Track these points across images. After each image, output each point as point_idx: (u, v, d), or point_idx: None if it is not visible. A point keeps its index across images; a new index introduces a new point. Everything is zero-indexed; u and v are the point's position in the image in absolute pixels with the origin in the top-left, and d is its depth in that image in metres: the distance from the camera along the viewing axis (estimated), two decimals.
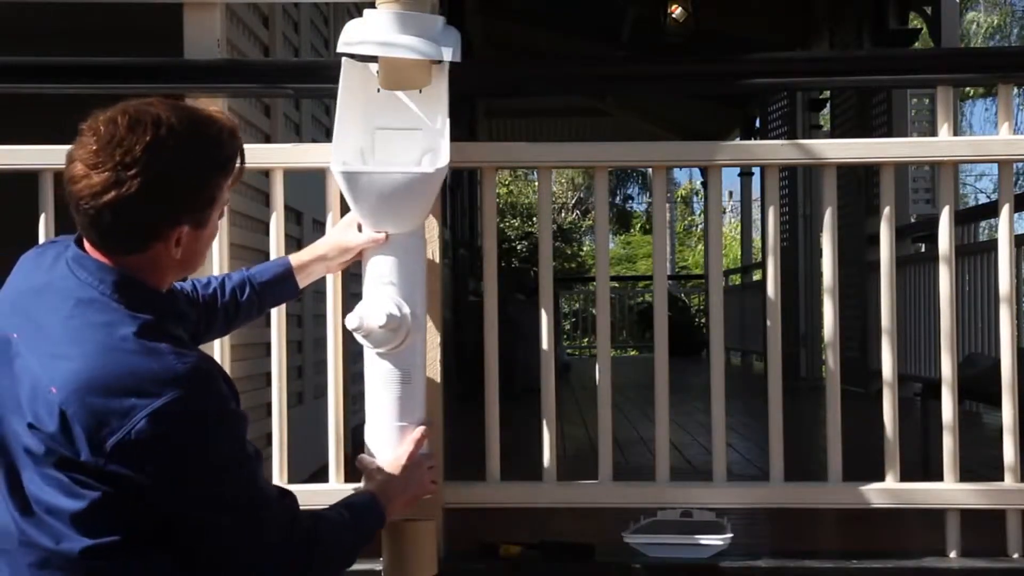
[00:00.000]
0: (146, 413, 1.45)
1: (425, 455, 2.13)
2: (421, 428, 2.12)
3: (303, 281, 2.18)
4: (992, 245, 4.77)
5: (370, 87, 2.24)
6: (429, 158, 2.20)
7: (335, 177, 2.09)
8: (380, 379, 2.11)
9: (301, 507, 1.71)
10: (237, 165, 1.67)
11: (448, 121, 2.19)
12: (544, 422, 2.45)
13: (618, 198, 27.65)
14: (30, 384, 1.51)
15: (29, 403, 1.50)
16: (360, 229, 2.15)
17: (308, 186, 2.93)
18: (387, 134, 2.24)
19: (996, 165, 2.55)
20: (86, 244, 1.61)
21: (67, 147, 2.35)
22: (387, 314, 2.04)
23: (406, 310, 2.08)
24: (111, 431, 1.45)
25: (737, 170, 11.14)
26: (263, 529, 1.61)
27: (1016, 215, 3.61)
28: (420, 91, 2.24)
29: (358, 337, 2.08)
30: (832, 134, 8.25)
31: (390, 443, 2.10)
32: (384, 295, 2.08)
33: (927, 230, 6.51)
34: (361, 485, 2.36)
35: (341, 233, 2.17)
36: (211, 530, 1.56)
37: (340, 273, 2.37)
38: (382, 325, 2.04)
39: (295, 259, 2.17)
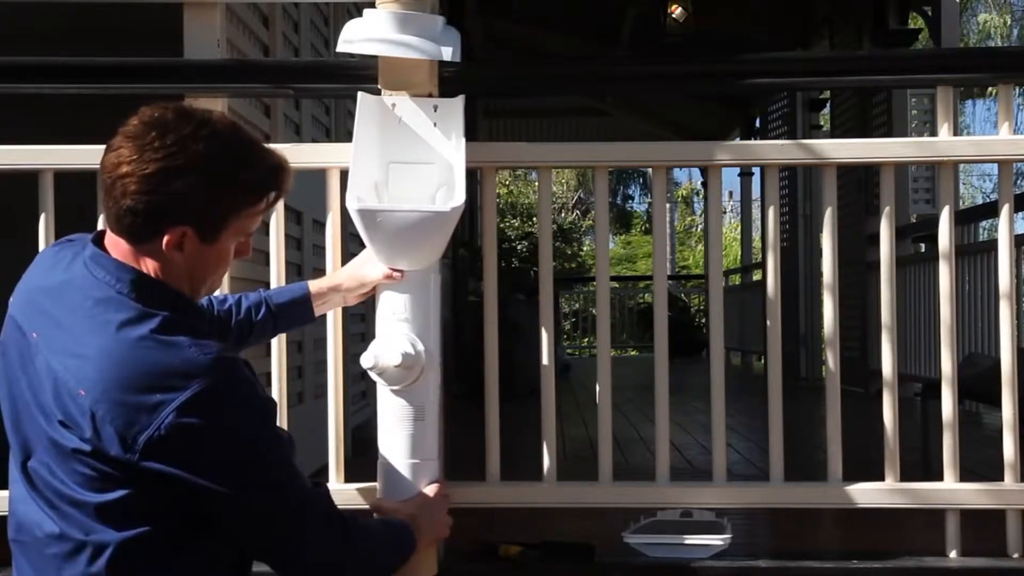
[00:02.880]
0: (173, 407, 1.46)
1: (444, 498, 2.13)
2: (437, 485, 2.12)
3: (319, 308, 2.18)
4: (992, 245, 4.77)
5: (386, 120, 2.23)
6: (444, 193, 2.19)
7: (351, 215, 2.07)
8: (393, 416, 2.11)
9: None
10: (267, 200, 1.66)
11: (464, 157, 2.18)
12: (544, 422, 2.45)
13: (618, 198, 27.65)
14: (53, 383, 1.53)
15: (55, 401, 1.52)
16: None
17: (308, 186, 2.92)
18: (402, 168, 2.22)
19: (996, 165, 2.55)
20: (105, 241, 1.62)
21: (67, 147, 2.38)
22: (402, 353, 2.03)
23: (420, 347, 2.07)
24: (141, 428, 1.47)
25: (737, 170, 11.15)
26: (302, 514, 1.62)
27: (1016, 215, 3.62)
28: (435, 125, 2.23)
29: (372, 375, 2.08)
30: (832, 134, 8.25)
31: (404, 480, 2.10)
32: (398, 332, 2.07)
33: (927, 230, 6.52)
34: (362, 485, 2.37)
35: (360, 266, 2.16)
36: (248, 517, 1.57)
37: None
38: (397, 364, 2.03)
39: (313, 286, 2.17)
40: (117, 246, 1.61)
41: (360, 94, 2.22)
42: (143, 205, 1.55)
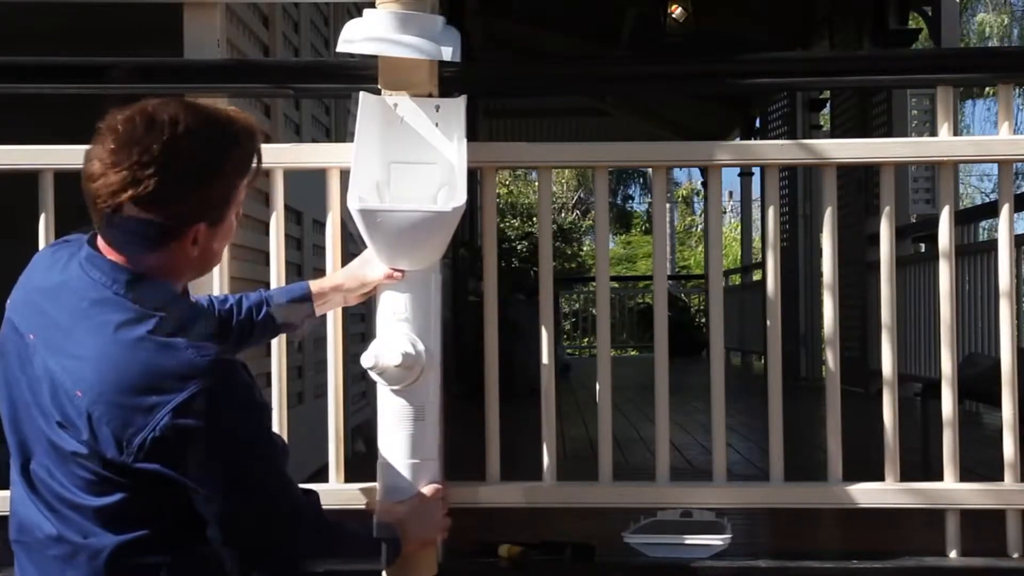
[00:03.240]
0: (169, 409, 1.47)
1: (441, 499, 2.13)
2: (436, 486, 2.12)
3: (320, 308, 2.18)
4: (992, 245, 4.77)
5: (387, 120, 2.23)
6: (445, 193, 2.19)
7: (352, 215, 2.07)
8: (393, 416, 2.11)
9: None
10: (253, 166, 1.68)
11: (465, 157, 2.18)
12: (544, 422, 2.45)
13: (618, 198, 27.64)
14: (50, 384, 1.53)
15: (53, 403, 1.52)
16: None
17: (308, 186, 2.93)
18: (403, 168, 2.22)
19: (996, 165, 2.55)
20: (99, 243, 1.61)
21: (67, 147, 2.37)
22: (403, 353, 2.03)
23: (420, 347, 2.07)
24: (137, 430, 1.47)
25: (737, 170, 11.14)
26: (294, 520, 1.63)
27: (1016, 215, 3.61)
28: (436, 125, 2.23)
29: (372, 375, 2.07)
30: (832, 134, 8.25)
31: (404, 480, 2.10)
32: (399, 332, 2.07)
33: (927, 230, 6.52)
34: (363, 485, 2.37)
35: (361, 266, 2.16)
36: (241, 521, 1.57)
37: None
38: (397, 364, 2.03)
39: (314, 286, 2.17)
40: (112, 250, 1.61)
41: (361, 94, 2.22)
42: (152, 226, 1.56)
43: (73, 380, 1.50)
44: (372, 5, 2.20)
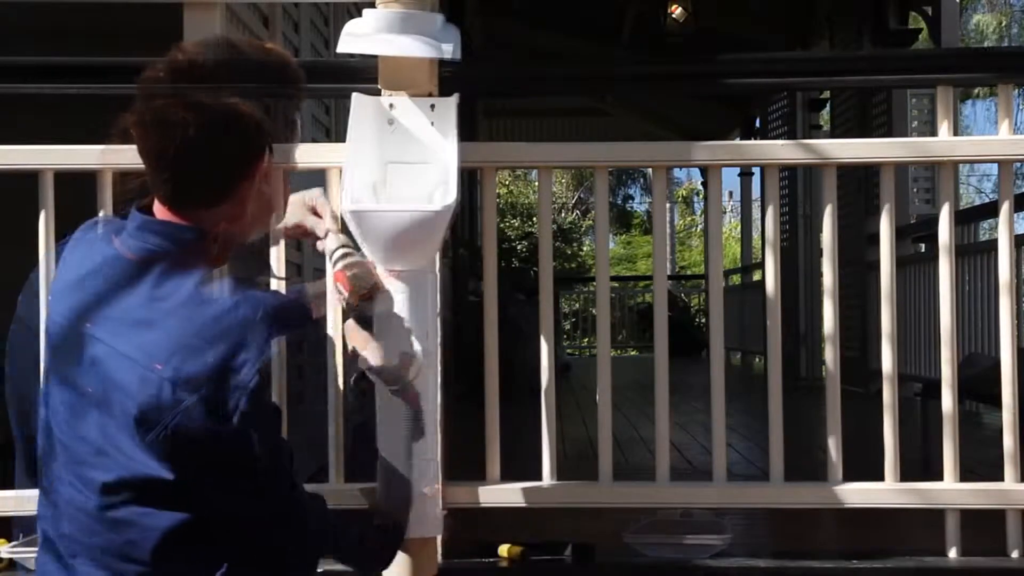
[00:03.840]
0: (180, 409, 1.47)
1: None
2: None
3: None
4: (992, 245, 4.77)
5: (382, 120, 2.23)
6: (441, 192, 2.19)
7: (345, 216, 2.08)
8: (392, 416, 2.11)
9: None
10: (267, 156, 1.69)
11: (458, 155, 2.18)
12: (544, 422, 2.45)
13: (618, 198, 27.65)
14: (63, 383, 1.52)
15: (63, 401, 1.52)
16: None
17: (308, 186, 2.92)
18: (399, 167, 2.22)
19: (996, 165, 2.56)
20: (115, 242, 1.61)
21: (67, 147, 2.37)
22: (401, 353, 2.03)
23: (418, 347, 2.07)
24: (149, 427, 1.47)
25: (737, 170, 11.14)
26: (300, 524, 1.63)
27: (1016, 215, 3.62)
28: (432, 124, 2.23)
29: (371, 376, 2.07)
30: (832, 134, 8.25)
31: (403, 480, 2.10)
32: (396, 332, 2.08)
33: (927, 230, 6.52)
34: (362, 485, 2.37)
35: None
36: (247, 523, 1.57)
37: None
38: (396, 364, 2.03)
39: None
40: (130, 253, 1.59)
41: (355, 94, 2.21)
42: (173, 226, 1.56)
43: (85, 378, 1.50)
44: (372, 5, 2.20)
